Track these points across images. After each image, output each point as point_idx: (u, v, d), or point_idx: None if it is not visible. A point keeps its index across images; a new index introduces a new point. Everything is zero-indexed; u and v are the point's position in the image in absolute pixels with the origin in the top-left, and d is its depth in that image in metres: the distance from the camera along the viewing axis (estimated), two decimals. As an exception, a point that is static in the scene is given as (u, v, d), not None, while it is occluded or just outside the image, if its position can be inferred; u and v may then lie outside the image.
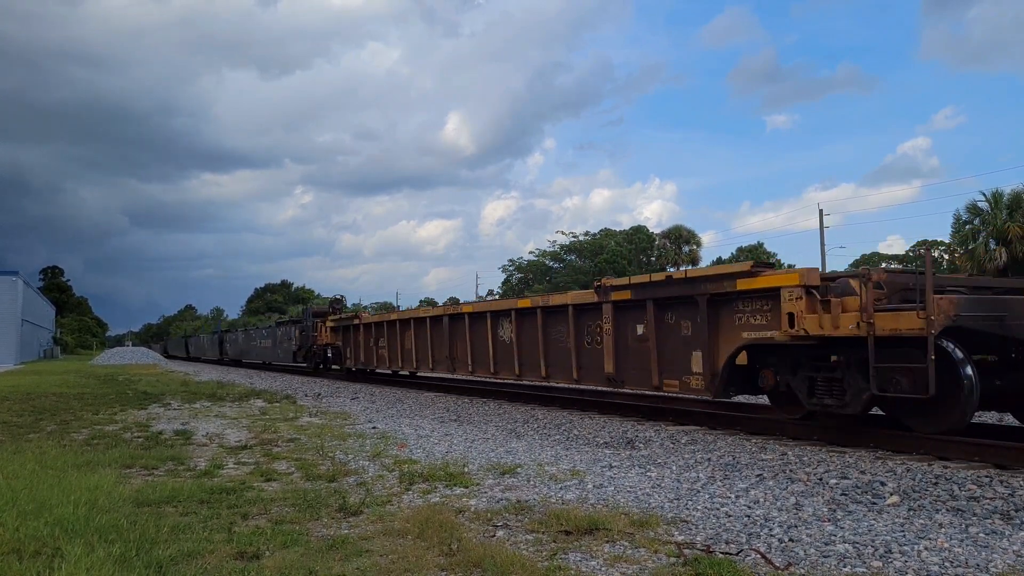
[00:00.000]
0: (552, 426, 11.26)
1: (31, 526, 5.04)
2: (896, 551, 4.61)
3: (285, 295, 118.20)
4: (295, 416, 13.13)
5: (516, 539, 4.98)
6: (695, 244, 65.05)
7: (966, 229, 41.09)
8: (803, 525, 5.27)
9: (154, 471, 7.63)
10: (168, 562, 4.39)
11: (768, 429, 9.63)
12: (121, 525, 5.12)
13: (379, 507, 5.87)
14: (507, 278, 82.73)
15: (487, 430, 11.04)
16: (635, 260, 64.37)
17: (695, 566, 4.30)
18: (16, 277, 53.08)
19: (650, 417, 11.64)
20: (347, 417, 13.04)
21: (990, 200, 39.90)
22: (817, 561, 4.46)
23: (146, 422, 12.21)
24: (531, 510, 5.74)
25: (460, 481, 6.89)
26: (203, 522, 5.37)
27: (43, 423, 12.05)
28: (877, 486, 6.43)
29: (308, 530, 5.21)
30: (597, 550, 4.69)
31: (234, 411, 14.15)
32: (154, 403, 15.98)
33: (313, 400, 16.99)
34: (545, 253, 78.77)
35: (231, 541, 4.84)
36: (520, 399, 15.24)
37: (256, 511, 5.77)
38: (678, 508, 5.85)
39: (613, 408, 12.68)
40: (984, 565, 4.32)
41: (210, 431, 10.95)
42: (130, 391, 19.83)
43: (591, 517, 5.33)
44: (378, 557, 4.57)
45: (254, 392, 19.26)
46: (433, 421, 12.41)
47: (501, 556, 4.43)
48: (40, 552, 4.54)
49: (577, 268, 72.40)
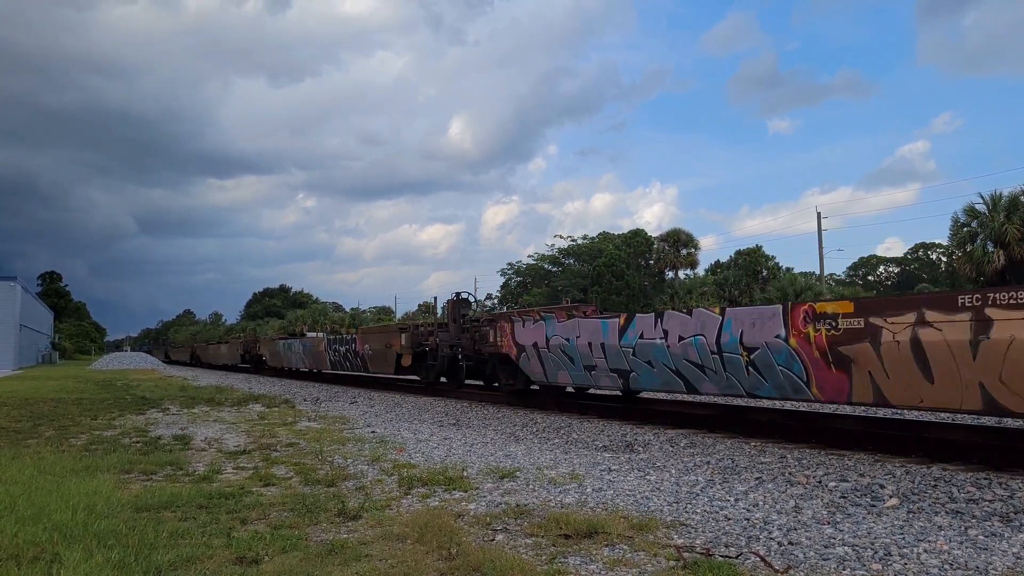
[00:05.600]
0: (551, 430, 11.26)
1: (29, 532, 5.02)
2: (895, 553, 4.61)
3: (284, 299, 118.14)
4: (294, 421, 13.11)
5: (515, 543, 4.97)
6: (693, 247, 65.08)
7: (964, 232, 41.13)
8: (802, 528, 5.27)
9: (153, 476, 7.61)
10: (167, 567, 4.38)
11: (767, 431, 9.64)
12: (120, 530, 5.11)
13: (378, 511, 5.86)
14: (506, 282, 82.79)
15: (486, 434, 11.03)
16: (633, 264, 64.38)
17: (694, 569, 4.29)
18: (14, 282, 53.05)
19: (649, 421, 11.63)
20: (346, 421, 13.02)
21: (988, 203, 39.97)
22: (816, 564, 4.46)
23: (144, 427, 12.19)
24: (530, 514, 5.73)
25: (459, 485, 6.88)
26: (202, 527, 5.36)
27: (41, 428, 12.03)
28: (876, 488, 6.43)
29: (307, 535, 5.20)
30: (596, 553, 4.68)
31: (233, 416, 14.13)
32: (152, 408, 15.96)
33: (312, 405, 16.98)
34: (544, 257, 78.84)
35: (230, 546, 4.83)
36: (520, 404, 15.20)
37: (255, 516, 5.76)
38: (677, 511, 5.85)
39: (612, 412, 12.67)
40: (983, 567, 4.32)
41: (209, 436, 10.94)
42: (128, 396, 19.81)
43: (590, 520, 5.33)
44: (377, 561, 4.56)
45: (252, 397, 19.24)
46: (432, 425, 12.40)
47: (501, 560, 4.43)
48: (39, 558, 4.53)
49: (575, 272, 72.43)
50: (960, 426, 9.20)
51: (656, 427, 10.98)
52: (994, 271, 38.42)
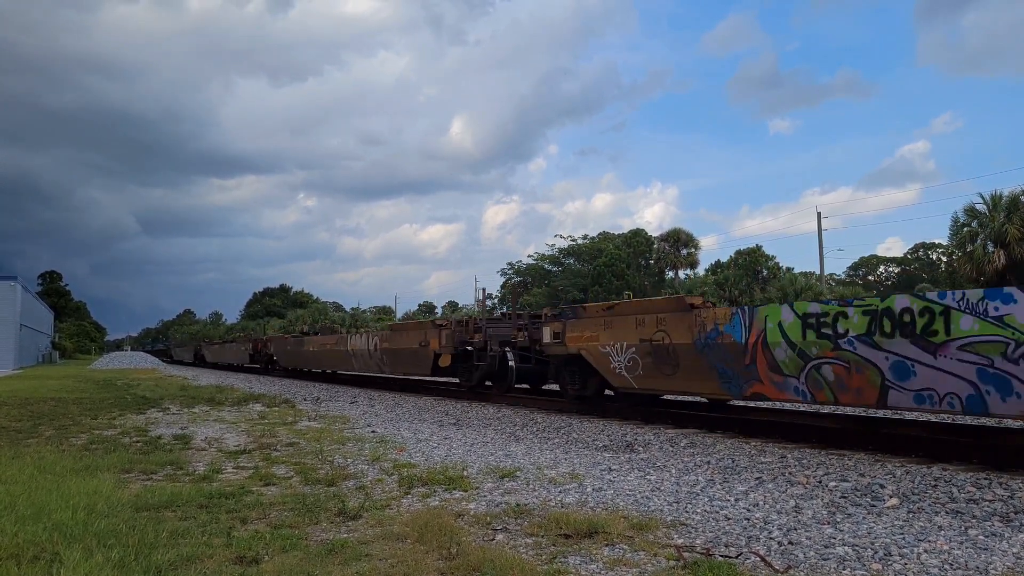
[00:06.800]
0: (551, 430, 11.26)
1: (29, 531, 5.02)
2: (896, 553, 4.61)
3: (284, 299, 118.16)
4: (294, 420, 13.11)
5: (516, 542, 4.97)
6: (693, 247, 65.05)
7: (964, 232, 41.12)
8: (802, 528, 5.27)
9: (153, 476, 7.61)
10: (167, 567, 4.38)
11: (767, 431, 9.64)
12: (120, 530, 5.11)
13: (378, 511, 5.86)
14: (505, 281, 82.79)
15: (486, 434, 11.03)
16: (633, 264, 64.36)
17: (694, 569, 4.29)
18: (15, 282, 53.04)
19: (649, 420, 11.63)
20: (346, 421, 13.02)
21: (988, 203, 39.96)
22: (816, 564, 4.46)
23: (145, 427, 12.19)
24: (530, 513, 5.73)
25: (459, 485, 6.88)
26: (202, 527, 5.35)
27: (41, 428, 12.02)
28: (876, 488, 6.43)
29: (307, 534, 5.20)
30: (596, 553, 4.68)
31: (233, 415, 14.13)
32: (152, 408, 15.95)
33: (312, 404, 16.98)
34: (544, 257, 78.83)
35: (230, 546, 4.83)
36: (520, 403, 15.21)
37: (255, 515, 5.76)
38: (677, 511, 5.85)
39: (612, 412, 12.68)
40: (984, 567, 4.32)
41: (209, 435, 10.94)
42: (128, 396, 19.80)
43: (590, 520, 5.33)
44: (377, 561, 4.56)
45: (253, 396, 19.23)
46: (432, 425, 12.40)
47: (501, 559, 4.43)
48: (39, 557, 4.52)
49: (575, 272, 72.42)
50: (960, 426, 9.20)
51: (656, 427, 10.98)
52: (994, 271, 38.40)
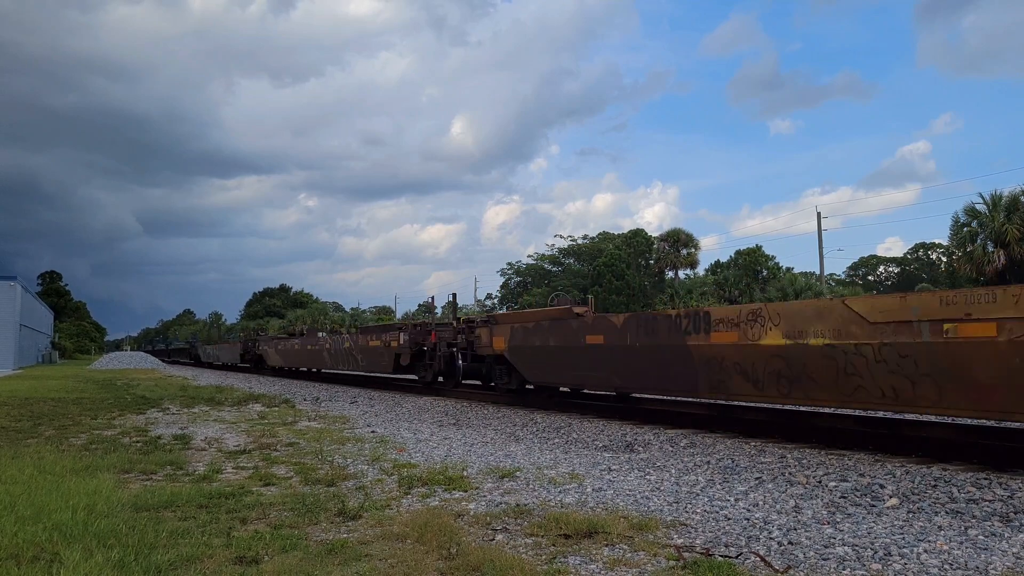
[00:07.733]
0: (551, 430, 11.25)
1: (29, 531, 5.02)
2: (895, 553, 4.61)
3: (284, 299, 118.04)
4: (294, 420, 13.11)
5: (515, 542, 4.97)
6: (693, 247, 65.03)
7: (964, 232, 41.15)
8: (802, 528, 5.27)
9: (152, 476, 7.61)
10: (167, 567, 4.38)
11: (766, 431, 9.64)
12: (120, 530, 5.11)
13: (378, 511, 5.86)
14: (505, 281, 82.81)
15: (486, 434, 11.03)
16: (633, 263, 64.34)
17: (694, 569, 4.29)
18: (14, 282, 53.00)
19: (649, 420, 11.63)
20: (346, 421, 13.02)
21: (988, 203, 39.98)
22: (816, 564, 4.46)
23: (144, 427, 12.19)
24: (530, 513, 5.73)
25: (459, 485, 6.88)
26: (202, 527, 5.35)
27: (41, 428, 12.02)
28: (876, 488, 6.43)
29: (307, 534, 5.20)
30: (596, 553, 4.68)
31: (233, 415, 14.13)
32: (152, 408, 15.95)
33: (312, 404, 16.97)
34: (543, 257, 78.87)
35: (230, 546, 4.83)
36: (519, 403, 15.20)
37: (255, 516, 5.76)
38: (677, 511, 5.85)
39: (612, 412, 12.68)
40: (983, 568, 4.32)
41: (209, 435, 10.93)
42: (128, 396, 19.80)
43: (590, 520, 5.33)
44: (377, 561, 4.56)
45: (252, 396, 19.23)
46: (432, 425, 12.40)
47: (500, 559, 4.43)
48: (38, 557, 4.52)
49: (575, 272, 72.43)
50: (961, 426, 9.20)
51: (656, 427, 10.98)
52: (994, 271, 38.44)
